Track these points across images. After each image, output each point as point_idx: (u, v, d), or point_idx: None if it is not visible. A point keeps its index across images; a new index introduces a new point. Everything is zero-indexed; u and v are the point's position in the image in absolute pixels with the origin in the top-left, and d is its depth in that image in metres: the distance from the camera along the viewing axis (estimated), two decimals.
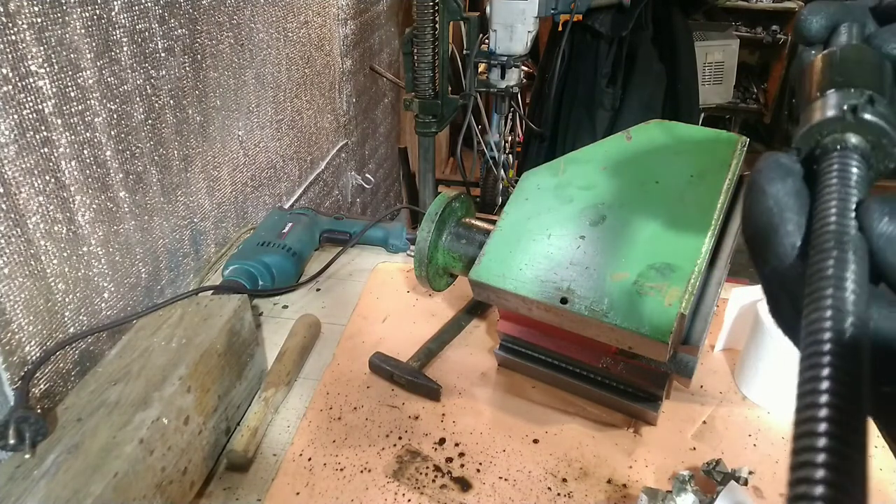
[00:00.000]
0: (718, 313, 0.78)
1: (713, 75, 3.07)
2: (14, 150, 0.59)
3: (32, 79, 0.60)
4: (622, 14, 1.88)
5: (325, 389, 0.76)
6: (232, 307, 0.69)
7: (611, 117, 1.97)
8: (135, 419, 0.54)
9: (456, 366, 0.80)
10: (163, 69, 0.82)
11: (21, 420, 0.52)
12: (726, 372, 0.79)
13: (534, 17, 1.62)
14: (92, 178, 0.71)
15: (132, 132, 0.77)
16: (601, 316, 0.58)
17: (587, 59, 1.97)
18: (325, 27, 1.41)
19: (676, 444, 0.69)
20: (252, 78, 1.08)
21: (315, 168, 1.47)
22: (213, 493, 0.63)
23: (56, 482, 0.49)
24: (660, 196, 0.65)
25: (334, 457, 0.67)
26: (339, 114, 1.59)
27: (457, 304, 0.91)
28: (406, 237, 1.06)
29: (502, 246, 0.66)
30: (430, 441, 0.69)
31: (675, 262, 0.59)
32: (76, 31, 0.65)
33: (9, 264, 0.60)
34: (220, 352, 0.65)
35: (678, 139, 0.70)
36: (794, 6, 3.72)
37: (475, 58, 1.65)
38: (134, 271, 0.81)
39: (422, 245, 0.72)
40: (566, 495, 0.63)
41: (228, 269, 0.91)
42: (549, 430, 0.70)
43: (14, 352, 0.62)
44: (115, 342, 0.68)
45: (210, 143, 0.97)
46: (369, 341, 0.84)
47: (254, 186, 1.15)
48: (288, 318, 0.87)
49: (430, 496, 0.62)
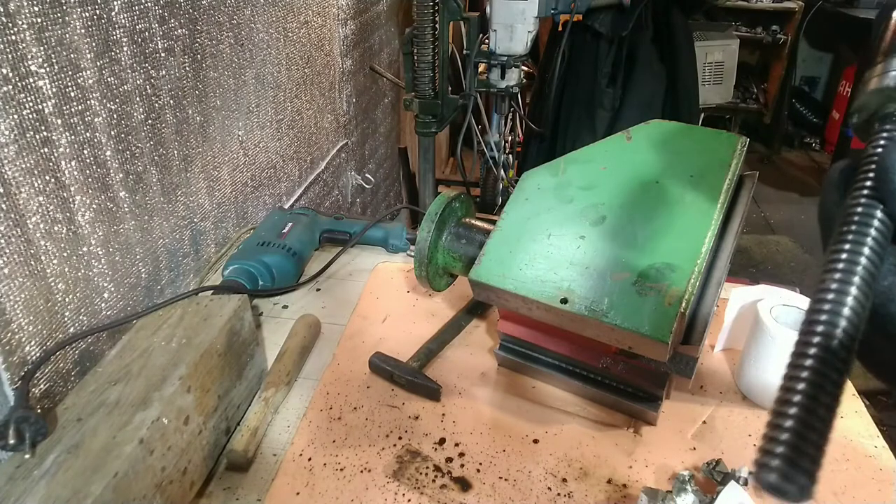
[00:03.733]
0: (718, 313, 0.78)
1: (713, 75, 3.07)
2: (14, 150, 0.59)
3: (32, 79, 0.60)
4: (622, 14, 1.88)
5: (325, 389, 0.76)
6: (232, 307, 0.69)
7: (611, 117, 1.97)
8: (135, 419, 0.54)
9: (456, 366, 0.80)
10: (163, 69, 0.82)
11: (21, 420, 0.52)
12: (726, 372, 0.79)
13: (534, 17, 1.62)
14: (92, 178, 0.71)
15: (132, 132, 0.77)
16: (601, 316, 0.58)
17: (587, 59, 1.97)
18: (325, 27, 1.41)
19: (676, 444, 0.69)
20: (252, 78, 1.08)
21: (315, 168, 1.47)
22: (213, 493, 0.63)
23: (56, 482, 0.49)
24: (660, 196, 0.64)
25: (334, 457, 0.67)
26: (339, 114, 1.59)
27: (457, 304, 0.91)
28: (406, 237, 1.06)
29: (502, 246, 0.66)
30: (430, 441, 0.69)
31: (675, 262, 0.59)
32: (76, 31, 0.65)
33: (9, 264, 0.60)
34: (220, 352, 0.65)
35: (678, 139, 0.70)
36: (795, 6, 3.72)
37: (475, 58, 1.65)
38: (134, 271, 0.81)
39: (422, 245, 0.72)
40: (566, 495, 0.63)
41: (228, 269, 0.91)
42: (549, 430, 0.70)
43: (14, 352, 0.62)
44: (115, 342, 0.68)
45: (210, 143, 0.97)
46: (369, 341, 0.84)
47: (254, 186, 1.15)
48: (288, 318, 0.87)
49: (430, 496, 0.62)
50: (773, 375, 0.72)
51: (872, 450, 0.68)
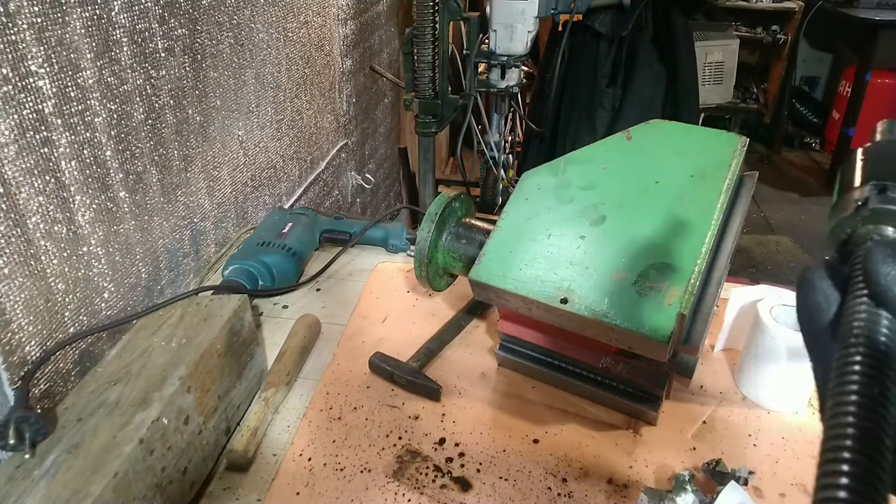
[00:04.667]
0: (718, 313, 0.78)
1: (713, 75, 3.08)
2: (14, 150, 0.59)
3: (32, 79, 0.60)
4: (622, 14, 1.88)
5: (325, 389, 0.76)
6: (232, 307, 0.69)
7: (611, 117, 1.97)
8: (135, 419, 0.54)
9: (456, 366, 0.80)
10: (163, 69, 0.82)
11: (21, 420, 0.52)
12: (726, 372, 0.79)
13: (534, 17, 1.62)
14: (92, 178, 0.71)
15: (132, 132, 0.77)
16: (601, 316, 0.58)
17: (587, 59, 1.97)
18: (325, 27, 1.41)
19: (676, 444, 0.69)
20: (252, 78, 1.08)
21: (315, 168, 1.47)
22: (213, 493, 0.63)
23: (56, 482, 0.49)
24: (660, 196, 0.65)
25: (334, 457, 0.67)
26: (339, 114, 1.59)
27: (457, 304, 0.91)
28: (406, 237, 1.06)
29: (502, 246, 0.66)
30: (430, 441, 0.69)
31: (675, 262, 0.59)
32: (76, 31, 0.65)
33: (9, 264, 0.60)
34: (220, 352, 0.65)
35: (678, 139, 0.70)
36: (794, 6, 3.72)
37: (475, 58, 1.65)
38: (134, 271, 0.81)
39: (422, 245, 0.72)
40: (566, 495, 0.63)
41: (228, 269, 0.91)
42: (549, 430, 0.70)
43: (14, 352, 0.62)
44: (115, 342, 0.68)
45: (210, 143, 0.97)
46: (369, 341, 0.84)
47: (254, 186, 1.15)
48: (288, 318, 0.87)
49: (430, 496, 0.62)
50: (773, 375, 0.72)
51: None
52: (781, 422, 0.71)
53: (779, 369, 0.71)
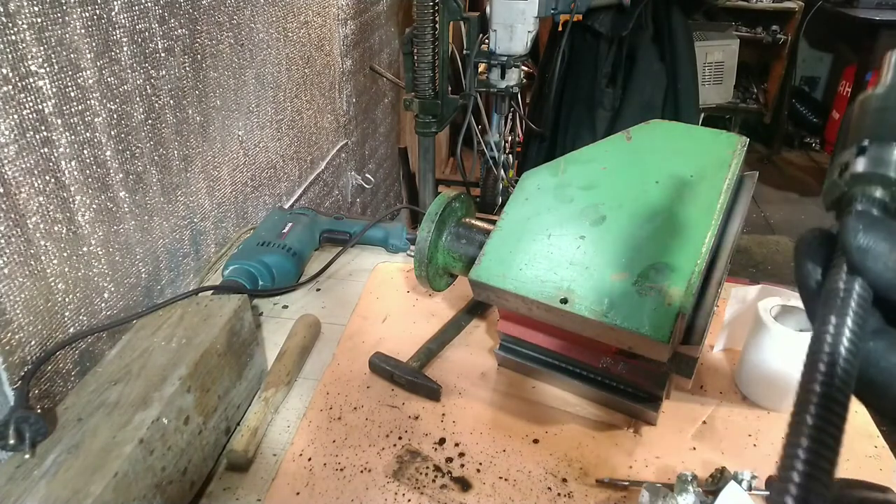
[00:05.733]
0: (718, 313, 0.78)
1: (713, 75, 3.07)
2: (14, 150, 0.59)
3: (32, 79, 0.60)
4: (622, 14, 1.88)
5: (325, 389, 0.76)
6: (232, 307, 0.69)
7: (611, 117, 1.97)
8: (135, 419, 0.54)
9: (456, 366, 0.80)
10: (163, 69, 0.82)
11: (21, 420, 0.52)
12: (726, 372, 0.79)
13: (534, 17, 1.62)
14: (92, 178, 0.71)
15: (132, 132, 0.77)
16: (601, 316, 0.58)
17: (587, 59, 1.97)
18: (325, 27, 1.41)
19: (676, 444, 0.68)
20: (252, 78, 1.08)
21: (315, 168, 1.47)
22: (213, 493, 0.63)
23: (56, 482, 0.49)
24: (660, 196, 0.64)
25: (334, 457, 0.67)
26: (339, 114, 1.59)
27: (457, 304, 0.91)
28: (406, 237, 1.06)
29: (502, 246, 0.66)
30: (430, 441, 0.69)
31: (675, 262, 0.59)
32: (76, 31, 0.65)
33: (9, 264, 0.60)
34: (220, 352, 0.65)
35: (678, 139, 0.70)
36: (794, 6, 3.72)
37: (475, 58, 1.65)
38: (134, 271, 0.81)
39: (422, 245, 0.72)
40: (566, 495, 0.63)
41: (228, 269, 0.91)
42: (549, 430, 0.70)
43: (14, 352, 0.62)
44: (115, 342, 0.68)
45: (210, 143, 0.97)
46: (369, 341, 0.84)
47: (254, 186, 1.15)
48: (288, 318, 0.87)
49: (430, 496, 0.62)
50: (772, 375, 0.72)
51: (872, 450, 0.68)
52: (781, 422, 0.71)
53: (779, 369, 0.71)
